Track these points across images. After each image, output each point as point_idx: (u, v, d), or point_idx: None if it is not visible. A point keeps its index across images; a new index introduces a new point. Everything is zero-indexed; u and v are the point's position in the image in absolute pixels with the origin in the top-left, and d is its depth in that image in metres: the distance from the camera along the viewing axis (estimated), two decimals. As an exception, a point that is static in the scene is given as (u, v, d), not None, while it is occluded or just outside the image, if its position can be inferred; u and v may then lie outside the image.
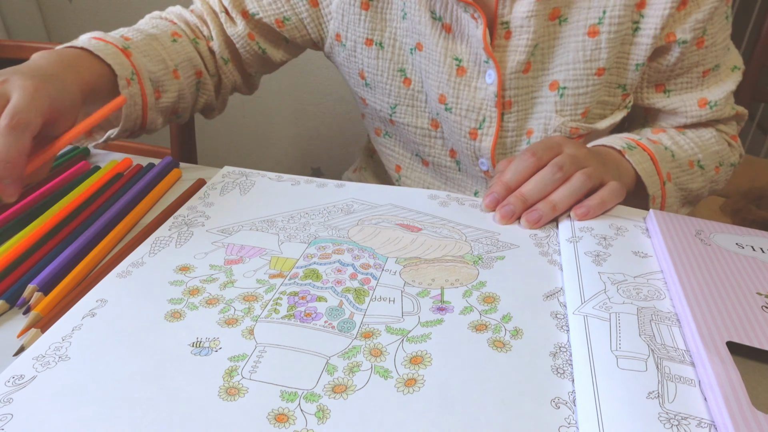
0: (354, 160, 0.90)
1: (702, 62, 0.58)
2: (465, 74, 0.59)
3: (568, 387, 0.31)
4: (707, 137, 0.62)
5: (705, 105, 0.60)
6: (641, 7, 0.54)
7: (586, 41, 0.55)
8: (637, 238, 0.43)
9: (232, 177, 0.53)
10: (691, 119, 0.61)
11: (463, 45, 0.58)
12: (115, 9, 1.57)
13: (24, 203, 0.47)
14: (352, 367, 0.32)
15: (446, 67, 0.59)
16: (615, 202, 0.46)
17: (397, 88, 0.64)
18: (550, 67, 0.58)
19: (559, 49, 0.57)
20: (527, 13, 0.54)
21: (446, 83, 0.60)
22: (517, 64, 0.57)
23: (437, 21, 0.57)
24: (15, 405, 0.29)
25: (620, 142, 0.56)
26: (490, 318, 0.36)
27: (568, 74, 0.57)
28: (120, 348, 0.33)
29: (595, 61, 0.56)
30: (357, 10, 0.61)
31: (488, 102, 0.59)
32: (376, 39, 0.62)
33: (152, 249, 0.42)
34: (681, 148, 0.60)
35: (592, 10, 0.54)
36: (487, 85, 0.58)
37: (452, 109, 0.61)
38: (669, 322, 0.34)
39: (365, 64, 0.64)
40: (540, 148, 0.48)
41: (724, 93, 0.60)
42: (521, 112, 0.60)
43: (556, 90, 0.58)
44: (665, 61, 0.57)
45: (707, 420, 0.28)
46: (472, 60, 0.58)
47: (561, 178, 0.46)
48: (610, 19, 0.53)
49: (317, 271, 0.40)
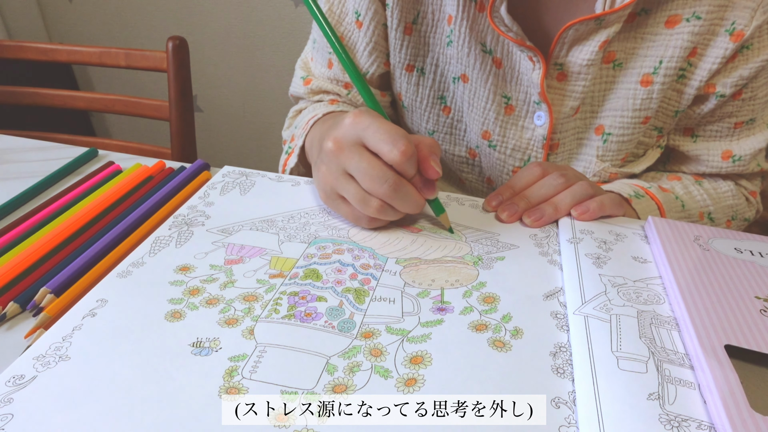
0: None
1: (736, 114, 0.56)
2: (513, 113, 0.57)
3: (568, 387, 0.31)
4: (723, 190, 0.61)
5: (728, 158, 0.58)
6: (692, 56, 0.52)
7: (638, 90, 0.53)
8: (636, 243, 0.43)
9: (232, 177, 0.53)
10: (711, 170, 0.59)
11: (514, 83, 0.56)
12: (116, 9, 1.57)
13: (51, 208, 0.47)
14: (352, 367, 0.32)
15: (494, 105, 0.57)
16: (613, 210, 0.46)
17: (436, 116, 0.63)
18: (599, 111, 0.56)
19: (610, 94, 0.55)
20: (587, 61, 0.52)
21: (493, 121, 0.58)
22: (570, 109, 0.55)
23: (487, 54, 0.55)
24: (15, 405, 0.29)
25: (628, 189, 0.55)
26: (490, 318, 0.36)
27: (614, 120, 0.55)
28: (120, 348, 0.33)
29: (645, 110, 0.54)
30: (400, 35, 0.58)
31: (535, 143, 0.58)
32: (417, 65, 0.60)
33: (152, 249, 0.42)
34: (693, 199, 0.58)
35: (648, 59, 0.52)
36: (536, 126, 0.57)
37: (497, 146, 0.59)
38: (669, 326, 0.34)
39: (404, 89, 0.63)
40: (547, 164, 0.49)
41: (751, 149, 0.58)
42: (566, 152, 0.59)
43: (600, 134, 0.57)
44: (698, 110, 0.56)
45: (707, 422, 0.28)
46: (522, 99, 0.56)
47: (564, 183, 0.47)
48: (665, 70, 0.52)
49: (317, 271, 0.40)
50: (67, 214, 0.46)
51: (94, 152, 0.58)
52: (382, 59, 0.61)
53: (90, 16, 1.61)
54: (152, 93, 1.51)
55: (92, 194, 0.49)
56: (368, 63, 0.61)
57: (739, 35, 0.49)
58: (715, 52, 0.51)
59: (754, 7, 0.49)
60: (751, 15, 0.49)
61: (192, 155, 0.93)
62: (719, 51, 0.51)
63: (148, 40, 1.60)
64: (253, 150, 1.72)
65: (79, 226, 0.45)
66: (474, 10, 0.53)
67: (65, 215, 0.46)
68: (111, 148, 0.93)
